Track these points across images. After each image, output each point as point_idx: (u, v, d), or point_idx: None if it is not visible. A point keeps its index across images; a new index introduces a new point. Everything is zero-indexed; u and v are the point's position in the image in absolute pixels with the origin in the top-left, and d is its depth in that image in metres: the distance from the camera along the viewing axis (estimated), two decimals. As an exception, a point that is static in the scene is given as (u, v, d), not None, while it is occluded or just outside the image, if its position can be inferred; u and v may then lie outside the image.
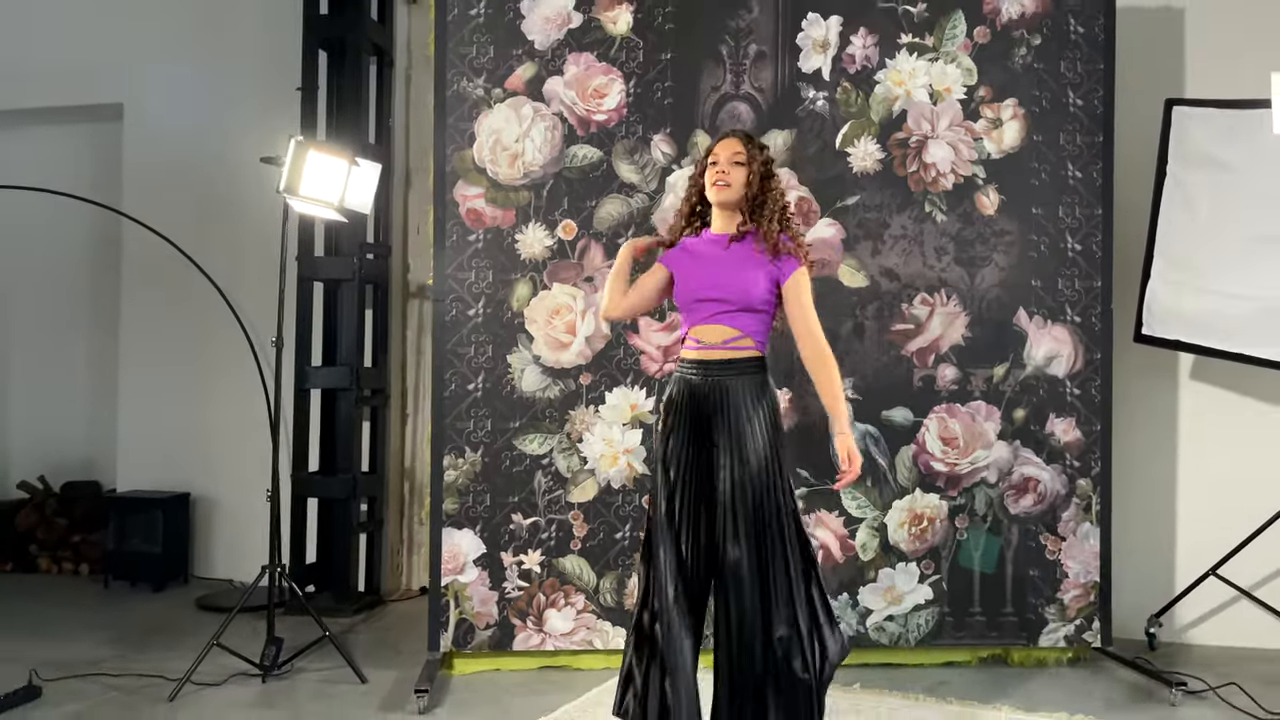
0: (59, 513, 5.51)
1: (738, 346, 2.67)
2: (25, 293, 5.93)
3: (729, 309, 2.65)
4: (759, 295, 2.66)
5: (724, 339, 2.66)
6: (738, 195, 2.68)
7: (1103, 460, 3.87)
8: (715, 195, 2.70)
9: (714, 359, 2.68)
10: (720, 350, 2.67)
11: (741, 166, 2.69)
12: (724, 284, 2.65)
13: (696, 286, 2.70)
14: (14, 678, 3.43)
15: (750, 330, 2.68)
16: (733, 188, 2.68)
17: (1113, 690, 3.59)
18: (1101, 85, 3.86)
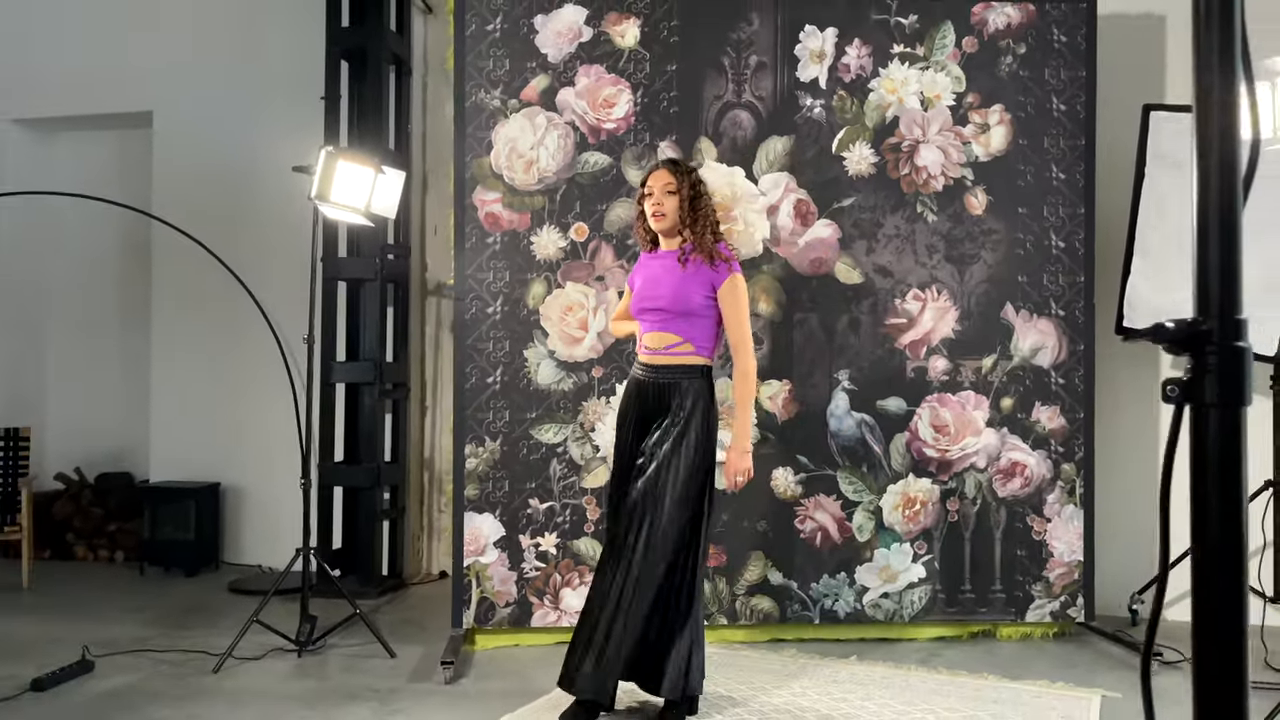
0: (94, 503, 5.77)
1: (678, 352, 3.02)
2: (61, 292, 6.20)
3: (669, 316, 3.01)
4: (696, 302, 3.00)
5: (665, 344, 3.02)
6: (672, 221, 3.05)
7: (1086, 446, 4.10)
8: (654, 225, 3.07)
9: (657, 363, 3.04)
10: (662, 355, 3.02)
11: (673, 195, 3.04)
12: (664, 294, 3.02)
13: (642, 297, 3.08)
14: (65, 655, 3.70)
15: (690, 336, 3.02)
16: (668, 216, 3.04)
17: (1095, 661, 3.82)
18: (1084, 91, 4.08)
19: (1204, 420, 0.73)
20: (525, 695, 3.34)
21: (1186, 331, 0.74)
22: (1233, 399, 0.72)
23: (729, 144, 4.02)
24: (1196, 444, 0.75)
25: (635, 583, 2.94)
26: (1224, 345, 0.72)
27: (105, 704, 3.27)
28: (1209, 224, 0.73)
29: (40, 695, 3.33)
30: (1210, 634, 0.73)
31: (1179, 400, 0.75)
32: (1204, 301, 0.73)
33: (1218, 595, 0.72)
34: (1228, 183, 0.72)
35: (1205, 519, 0.75)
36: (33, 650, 3.86)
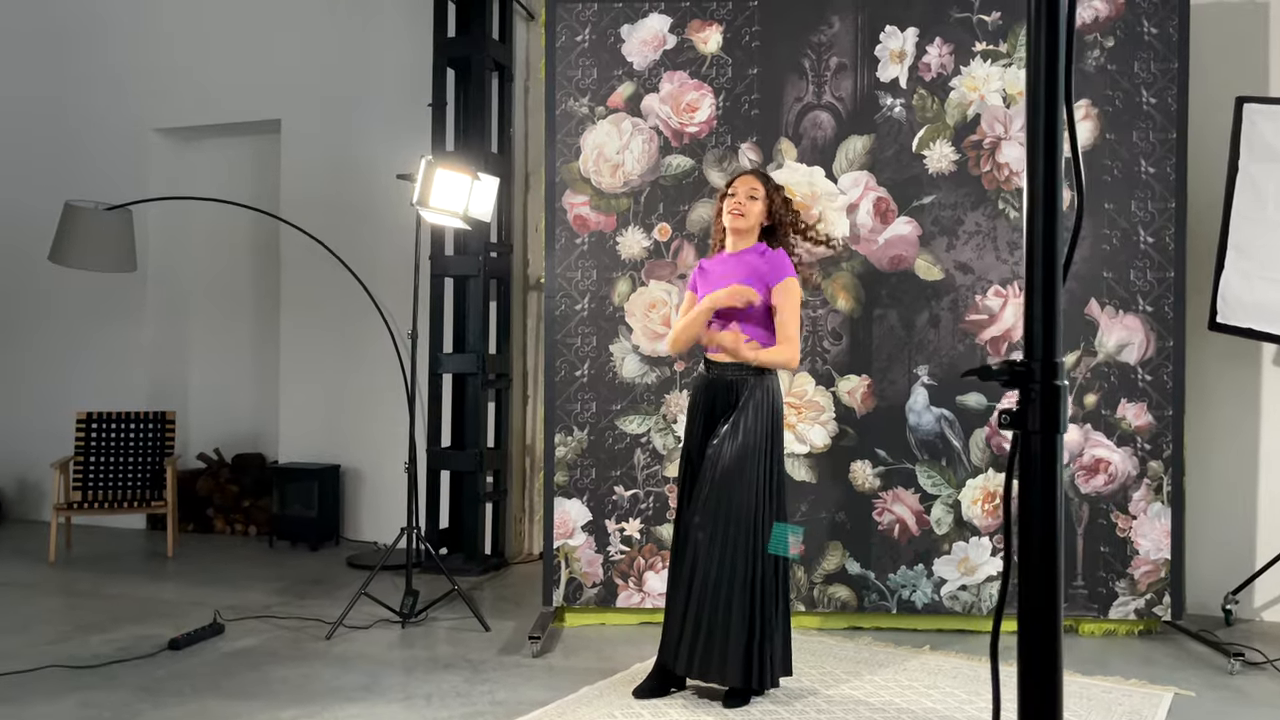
0: (231, 480, 6.28)
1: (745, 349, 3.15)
2: (201, 288, 6.75)
3: (735, 316, 3.13)
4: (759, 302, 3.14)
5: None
6: (750, 224, 3.24)
7: (1174, 443, 4.05)
8: (730, 223, 3.25)
9: (724, 360, 3.18)
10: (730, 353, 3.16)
11: (755, 200, 3.23)
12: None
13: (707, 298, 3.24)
14: (200, 618, 4.12)
15: (754, 335, 3.19)
16: (746, 218, 3.23)
17: (1177, 660, 3.79)
18: (1174, 84, 4.01)
19: (1029, 444, 0.85)
20: (606, 671, 3.56)
21: (1013, 371, 0.86)
22: (1050, 427, 0.84)
23: (809, 144, 4.12)
24: (1023, 463, 0.87)
25: (699, 571, 3.11)
26: (1044, 383, 0.84)
27: (232, 662, 3.65)
28: (1035, 280, 0.85)
29: (176, 653, 3.74)
30: (1031, 632, 0.85)
31: (1011, 427, 0.88)
32: (1030, 345, 0.86)
33: (1037, 594, 0.84)
34: (1050, 245, 0.83)
35: (1028, 526, 0.87)
36: (174, 612, 4.31)
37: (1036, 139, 0.86)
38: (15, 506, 6.73)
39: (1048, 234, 0.83)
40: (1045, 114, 0.85)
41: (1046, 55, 0.84)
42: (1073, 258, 0.86)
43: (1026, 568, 0.88)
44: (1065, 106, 0.84)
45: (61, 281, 6.30)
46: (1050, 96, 0.84)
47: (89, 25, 6.59)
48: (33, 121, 6.70)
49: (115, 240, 4.85)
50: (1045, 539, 0.85)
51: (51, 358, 6.67)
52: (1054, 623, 0.85)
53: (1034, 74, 0.86)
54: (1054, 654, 0.86)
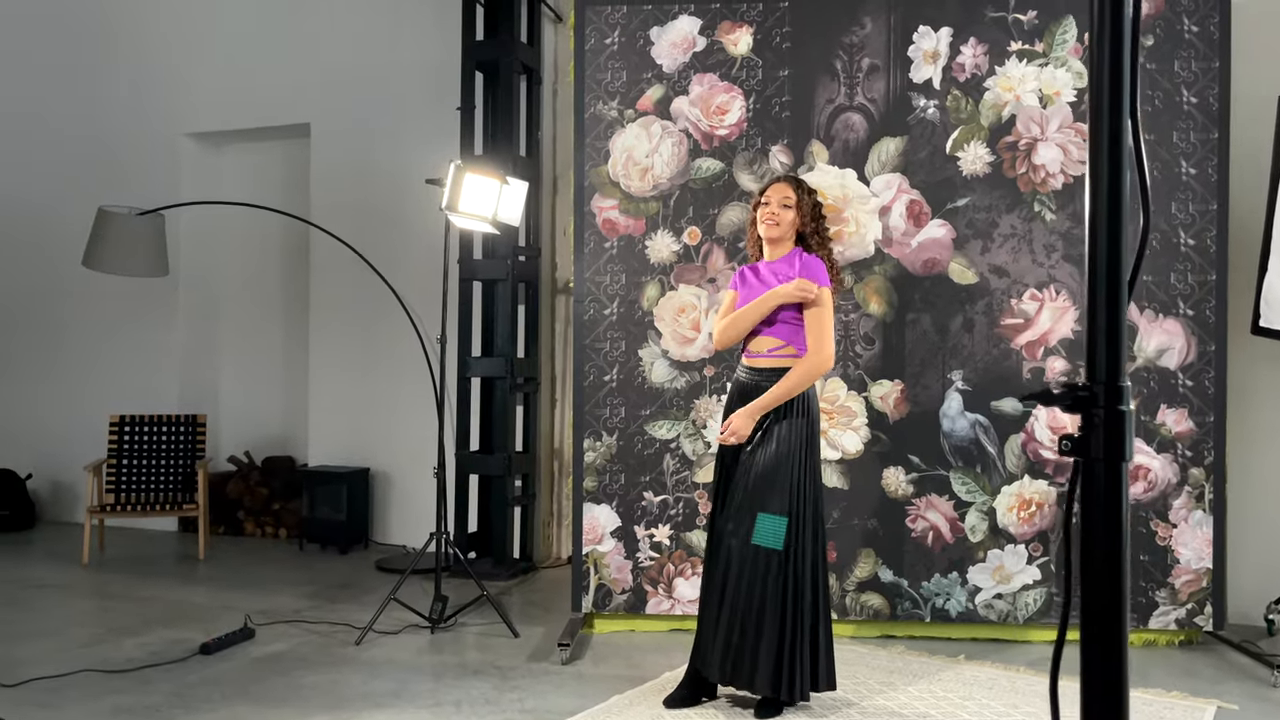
0: (261, 483, 6.31)
1: (780, 354, 3.17)
2: (231, 292, 6.79)
3: (771, 322, 3.09)
4: (790, 310, 3.14)
5: (769, 348, 3.19)
6: (784, 232, 3.22)
7: (1216, 450, 3.96)
8: (765, 233, 3.23)
9: (761, 365, 3.18)
10: (766, 358, 3.18)
11: (789, 209, 3.20)
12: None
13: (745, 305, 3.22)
14: (231, 621, 4.14)
15: (791, 340, 3.17)
16: (781, 226, 3.21)
17: (1219, 671, 3.71)
18: (1216, 83, 3.93)
19: (1092, 472, 0.81)
20: (635, 680, 3.53)
21: (1076, 396, 0.82)
22: (1115, 455, 0.80)
23: (840, 147, 4.07)
24: (1086, 493, 0.83)
25: (731, 578, 3.09)
26: (1109, 409, 0.80)
27: (262, 667, 3.66)
28: (1097, 301, 0.81)
29: (207, 658, 3.75)
30: (1095, 683, 0.81)
31: (1072, 454, 0.84)
32: (1092, 369, 0.81)
33: (1102, 639, 0.80)
34: (1114, 263, 0.79)
35: (1090, 558, 0.83)
36: (205, 616, 4.32)
37: (1100, 150, 0.82)
38: (49, 508, 6.80)
39: (1111, 249, 0.79)
40: (1109, 123, 0.81)
41: (1111, 63, 0.80)
42: (1138, 275, 0.82)
43: (1090, 610, 0.83)
44: (1130, 117, 0.80)
45: (95, 286, 6.35)
46: (1114, 105, 0.80)
47: (122, 32, 6.65)
48: (67, 128, 6.77)
49: (148, 245, 4.88)
50: (1111, 578, 0.81)
51: (85, 361, 6.73)
52: (1119, 670, 0.81)
53: (1097, 82, 0.82)
54: (1119, 702, 0.81)
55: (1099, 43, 0.84)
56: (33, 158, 6.86)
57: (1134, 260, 0.81)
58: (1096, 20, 0.82)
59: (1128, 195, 0.80)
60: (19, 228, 6.90)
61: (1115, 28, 0.80)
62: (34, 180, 6.86)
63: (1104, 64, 0.82)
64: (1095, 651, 0.81)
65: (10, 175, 6.94)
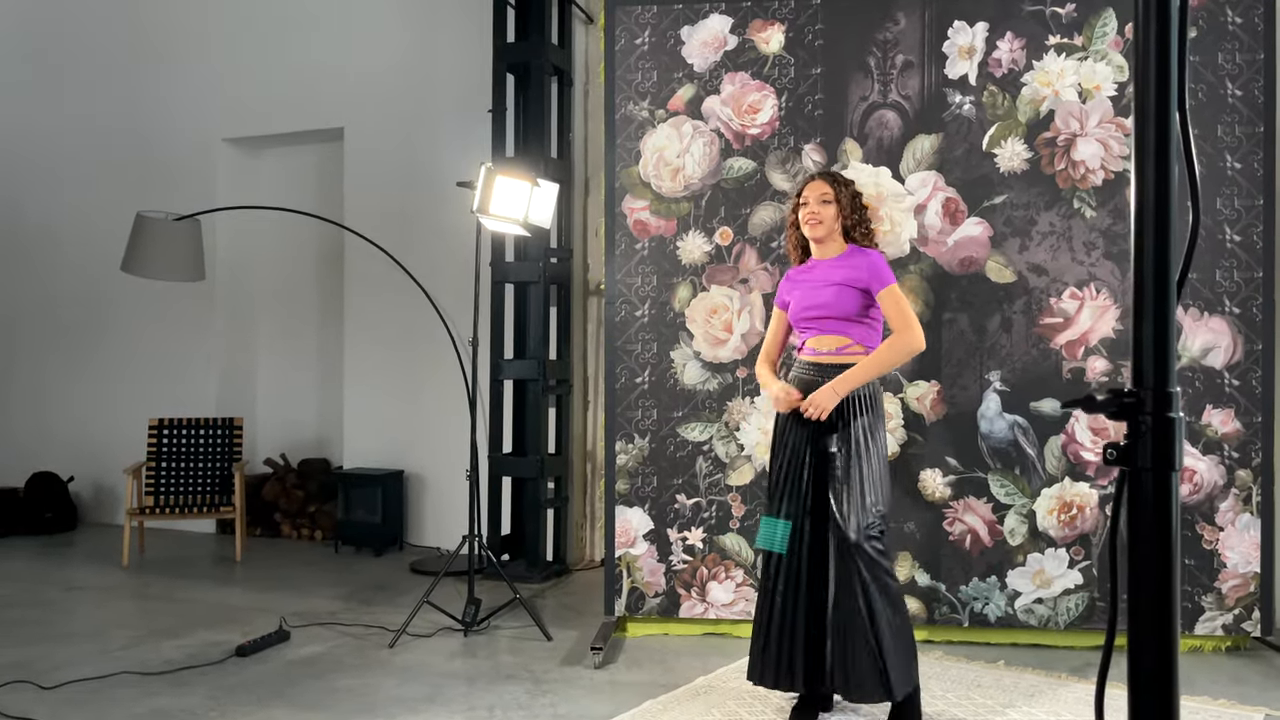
0: (297, 485, 6.36)
1: (849, 352, 3.07)
2: (268, 296, 6.85)
3: (836, 321, 3.03)
4: (855, 308, 3.06)
5: (836, 346, 3.09)
6: (829, 229, 3.13)
7: (1264, 451, 3.86)
8: (809, 232, 3.14)
9: (827, 363, 3.07)
10: (833, 356, 3.08)
11: (829, 204, 3.11)
12: (829, 302, 3.07)
13: (806, 307, 3.13)
14: (267, 624, 4.16)
15: (860, 338, 3.08)
16: (824, 224, 3.12)
17: (1267, 678, 3.61)
18: (1261, 75, 3.83)
19: (1140, 482, 0.77)
20: (669, 684, 3.50)
21: (1121, 402, 0.78)
22: (1164, 464, 0.76)
23: (875, 144, 4.02)
24: (1133, 503, 0.79)
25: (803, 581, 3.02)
26: (1157, 415, 0.76)
27: (297, 670, 3.67)
28: (1145, 302, 0.77)
29: (243, 660, 3.77)
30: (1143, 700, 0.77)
31: (1118, 463, 0.80)
32: (1139, 373, 0.77)
33: (1150, 655, 0.76)
34: (1162, 263, 0.75)
35: (1140, 572, 0.79)
36: (242, 617, 4.35)
37: (1146, 147, 0.78)
38: (91, 511, 6.90)
39: (1159, 249, 0.75)
40: (1156, 120, 0.77)
41: (1157, 60, 0.76)
42: (1186, 278, 0.78)
43: (1140, 628, 0.79)
44: (1179, 114, 0.76)
45: (133, 291, 6.44)
46: (1161, 100, 0.76)
47: (159, 39, 6.73)
48: (106, 134, 6.86)
49: (185, 250, 4.93)
50: (1161, 592, 0.77)
51: (124, 365, 6.82)
52: (1170, 688, 0.77)
53: (1143, 77, 0.78)
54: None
55: (1144, 36, 0.80)
56: (72, 163, 6.97)
57: (1183, 260, 0.77)
58: (1142, 14, 0.78)
59: (1175, 192, 0.77)
60: (59, 233, 7.01)
61: (1161, 20, 0.76)
62: (73, 186, 6.97)
63: (1150, 57, 0.78)
64: (1146, 674, 0.77)
65: (50, 181, 7.05)
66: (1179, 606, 0.80)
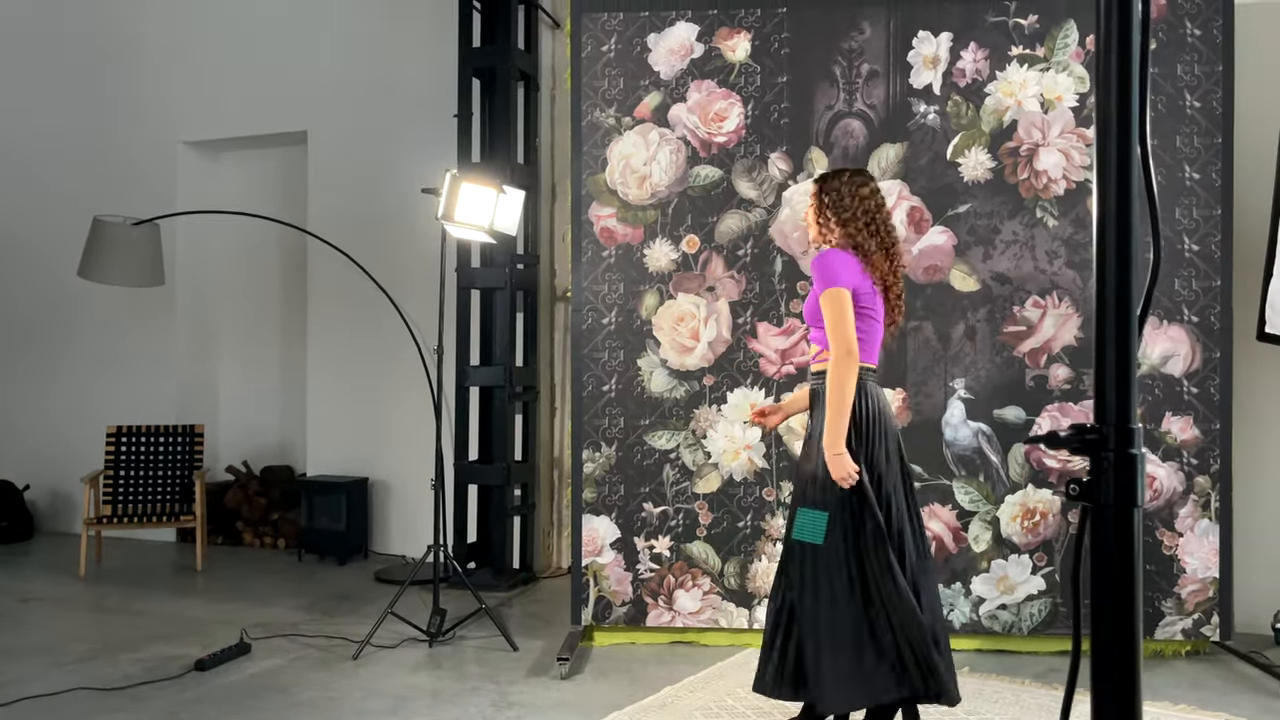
0: (260, 493, 6.27)
1: (821, 359, 2.94)
2: (229, 302, 6.75)
3: (814, 328, 2.94)
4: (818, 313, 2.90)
5: (814, 354, 2.99)
6: (812, 234, 3.03)
7: (1222, 458, 3.92)
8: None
9: (813, 370, 3.01)
10: (814, 364, 2.99)
11: (810, 208, 3.01)
12: (807, 308, 2.99)
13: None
14: (228, 635, 4.10)
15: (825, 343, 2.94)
16: (809, 228, 3.05)
17: (1227, 683, 3.66)
18: (1219, 87, 3.88)
19: (1102, 518, 0.77)
20: (636, 694, 3.49)
21: (1084, 439, 0.78)
22: (1126, 501, 0.76)
23: (840, 153, 4.03)
24: (1095, 540, 0.79)
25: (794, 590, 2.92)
26: (1119, 452, 0.76)
27: (258, 684, 3.61)
28: (1107, 338, 0.77)
29: (203, 674, 3.71)
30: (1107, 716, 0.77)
31: (1081, 499, 0.80)
32: (1101, 409, 0.77)
33: (1112, 685, 0.76)
34: (1124, 300, 0.75)
35: (1102, 608, 0.79)
36: (202, 630, 4.28)
37: (1108, 186, 0.78)
38: (47, 520, 6.76)
39: (1121, 283, 0.75)
40: (1118, 149, 0.77)
41: (1119, 85, 0.76)
42: (1148, 311, 0.78)
43: (1102, 664, 0.79)
44: (1140, 143, 0.76)
45: (93, 296, 6.32)
46: (1123, 130, 0.76)
47: (118, 41, 6.62)
48: (64, 137, 6.74)
49: (143, 255, 4.85)
50: (1123, 631, 0.77)
51: (83, 372, 6.70)
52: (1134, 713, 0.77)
53: (1104, 103, 0.78)
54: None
55: (1105, 63, 0.80)
56: (29, 167, 6.84)
57: (1144, 295, 0.77)
58: (1102, 39, 0.78)
59: (1138, 227, 0.76)
60: (16, 237, 6.87)
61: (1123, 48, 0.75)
62: (31, 190, 6.83)
63: (1112, 85, 0.78)
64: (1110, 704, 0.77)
65: (7, 185, 6.91)
66: (1141, 638, 0.80)
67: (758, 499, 4.03)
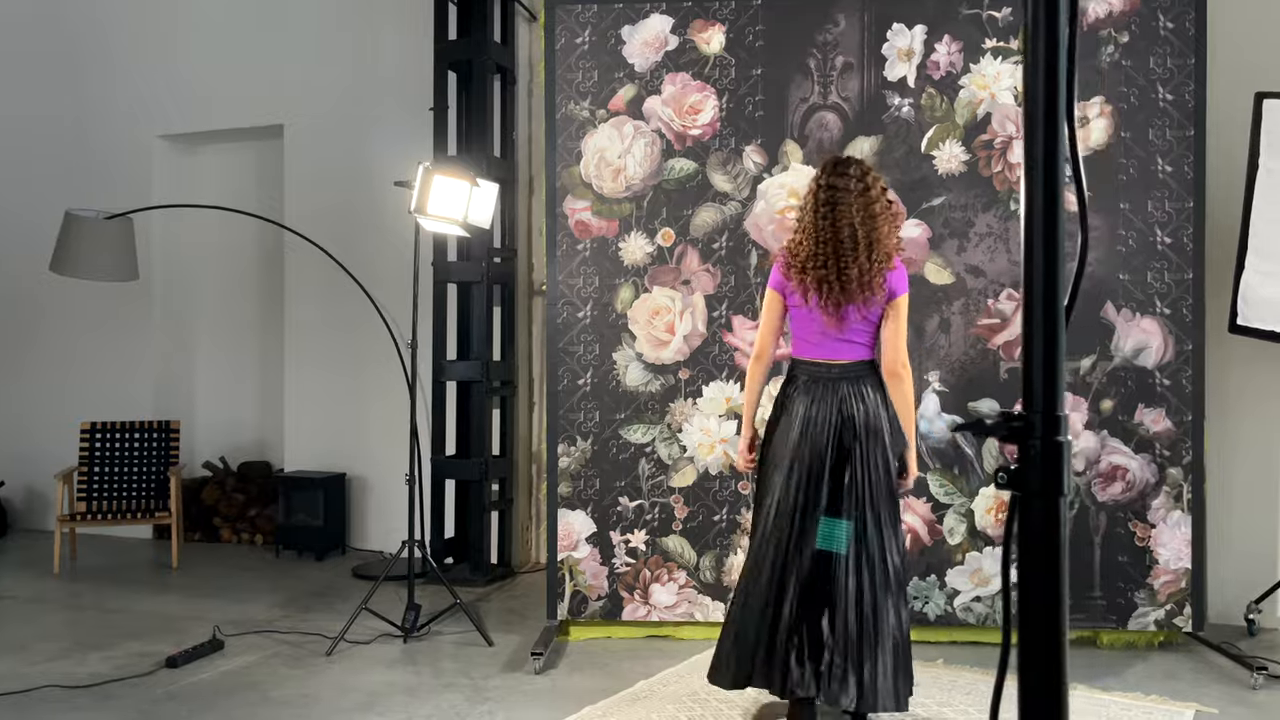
0: (237, 489, 6.23)
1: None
2: (206, 296, 6.70)
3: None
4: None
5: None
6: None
7: (1194, 449, 3.93)
8: None
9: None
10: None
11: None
12: None
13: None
14: (202, 632, 4.07)
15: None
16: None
17: (1199, 674, 3.68)
18: (1192, 79, 3.89)
19: (1029, 507, 0.77)
20: (610, 688, 3.48)
21: (1011, 426, 0.78)
22: (1053, 489, 0.75)
23: (815, 146, 4.03)
24: (1023, 528, 0.78)
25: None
26: (1046, 440, 0.75)
27: (230, 681, 3.59)
28: (1034, 326, 0.76)
29: (174, 672, 3.68)
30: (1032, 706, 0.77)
31: (1009, 487, 0.80)
32: (1029, 396, 0.77)
33: (1039, 673, 0.76)
34: (1051, 288, 0.74)
35: (1029, 595, 0.79)
36: (175, 627, 4.25)
37: (1035, 164, 0.77)
38: (22, 516, 6.71)
39: (1048, 273, 0.75)
40: (1045, 133, 0.76)
41: (1046, 66, 0.75)
42: (1076, 299, 0.77)
43: (1027, 651, 0.78)
44: (1068, 124, 0.75)
45: (67, 291, 6.26)
46: (1050, 112, 0.75)
47: (92, 33, 6.55)
48: (37, 129, 6.67)
49: (116, 249, 4.80)
50: (1049, 617, 0.76)
51: (58, 368, 6.64)
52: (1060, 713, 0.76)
53: (1032, 86, 0.77)
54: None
55: (1033, 43, 0.79)
56: (1, 160, 6.76)
57: (1072, 283, 0.77)
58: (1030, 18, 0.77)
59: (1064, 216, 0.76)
60: (-11, 232, 6.80)
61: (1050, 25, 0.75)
62: (2, 183, 6.76)
63: (1040, 66, 0.77)
64: (1036, 700, 0.76)
65: (-21, 179, 6.83)
66: (1067, 626, 0.80)
67: (733, 493, 4.03)
